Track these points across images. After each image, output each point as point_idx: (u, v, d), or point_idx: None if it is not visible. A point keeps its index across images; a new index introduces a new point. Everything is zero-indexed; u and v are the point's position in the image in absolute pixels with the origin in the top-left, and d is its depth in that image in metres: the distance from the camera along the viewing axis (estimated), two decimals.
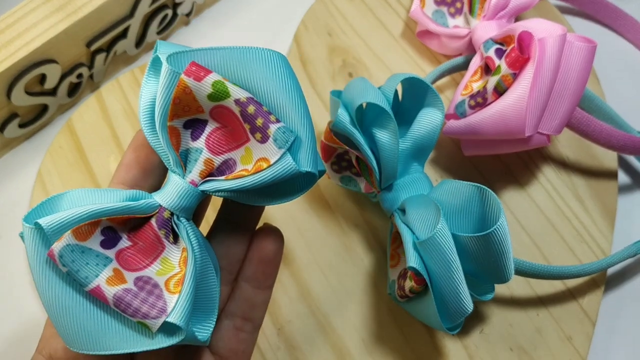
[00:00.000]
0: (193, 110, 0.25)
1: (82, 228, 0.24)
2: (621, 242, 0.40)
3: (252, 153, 0.25)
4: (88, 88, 0.44)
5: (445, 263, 0.29)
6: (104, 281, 0.24)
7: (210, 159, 0.25)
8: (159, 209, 0.25)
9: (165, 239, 0.25)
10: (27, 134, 0.42)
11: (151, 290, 0.24)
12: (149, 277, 0.25)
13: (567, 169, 0.42)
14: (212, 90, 0.24)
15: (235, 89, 0.24)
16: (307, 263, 0.38)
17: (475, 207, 0.31)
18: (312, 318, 0.37)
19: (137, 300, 0.24)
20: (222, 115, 0.25)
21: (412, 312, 0.35)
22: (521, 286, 0.38)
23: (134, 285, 0.24)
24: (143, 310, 0.24)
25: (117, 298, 0.23)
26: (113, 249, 0.25)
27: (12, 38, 0.37)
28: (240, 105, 0.24)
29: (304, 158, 0.25)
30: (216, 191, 0.25)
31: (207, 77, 0.24)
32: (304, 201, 0.40)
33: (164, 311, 0.24)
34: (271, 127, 0.24)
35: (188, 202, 0.25)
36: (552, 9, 0.48)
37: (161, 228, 0.25)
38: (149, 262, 0.25)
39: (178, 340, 0.24)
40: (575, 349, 0.37)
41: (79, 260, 0.23)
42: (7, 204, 0.41)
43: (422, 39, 0.46)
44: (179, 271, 0.25)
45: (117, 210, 0.24)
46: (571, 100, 0.36)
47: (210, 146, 0.25)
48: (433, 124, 0.35)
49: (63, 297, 0.24)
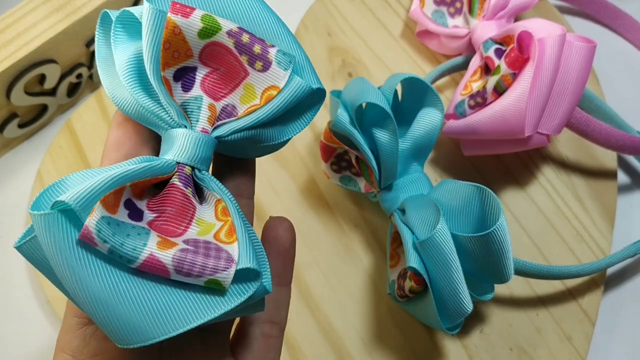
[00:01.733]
0: (182, 56, 0.23)
1: (109, 198, 0.20)
2: (620, 242, 0.40)
3: (254, 87, 0.24)
4: (88, 88, 0.44)
5: (445, 263, 0.29)
6: (155, 247, 0.20)
7: (212, 104, 0.24)
8: (177, 167, 0.23)
9: (193, 197, 0.23)
10: (26, 134, 0.42)
11: (207, 246, 0.21)
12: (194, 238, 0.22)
13: (567, 169, 0.42)
14: (202, 26, 0.23)
15: (224, 20, 0.23)
16: (307, 263, 0.38)
17: (475, 207, 0.31)
18: (312, 318, 0.37)
19: (199, 257, 0.20)
20: (213, 55, 0.24)
21: (411, 312, 0.35)
22: (521, 286, 0.38)
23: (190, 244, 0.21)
24: (210, 265, 0.20)
25: (177, 260, 0.20)
26: (142, 221, 0.22)
27: (12, 38, 0.37)
28: (234, 36, 0.23)
29: (309, 77, 0.24)
30: (233, 133, 0.24)
31: (194, 12, 0.22)
32: (304, 201, 0.40)
33: (231, 260, 0.21)
34: (270, 51, 0.23)
35: (205, 152, 0.23)
36: (552, 9, 0.48)
37: (187, 186, 0.23)
38: (186, 227, 0.23)
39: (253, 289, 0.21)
40: (575, 349, 0.37)
41: (120, 233, 0.20)
42: (6, 204, 0.41)
43: (421, 39, 0.46)
44: (222, 224, 0.22)
45: (138, 173, 0.21)
46: (571, 100, 0.36)
47: (208, 91, 0.24)
48: (433, 124, 0.35)
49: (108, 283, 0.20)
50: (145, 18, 0.22)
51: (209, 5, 0.24)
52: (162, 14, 0.22)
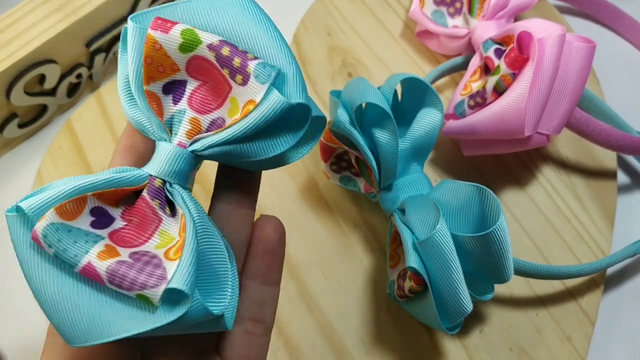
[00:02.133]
0: (168, 69, 0.24)
1: (67, 206, 0.22)
2: (620, 242, 0.40)
3: (238, 101, 0.23)
4: (87, 88, 0.44)
5: (445, 263, 0.29)
6: (94, 256, 0.21)
7: (195, 117, 0.24)
8: (149, 179, 0.24)
9: (160, 210, 0.23)
10: (26, 134, 0.42)
11: (148, 261, 0.22)
12: (147, 250, 0.23)
13: (567, 169, 0.42)
14: (182, 40, 0.23)
15: (205, 34, 0.23)
16: (306, 263, 0.38)
17: (475, 207, 0.31)
18: (311, 318, 0.37)
19: (132, 271, 0.21)
20: (200, 69, 0.24)
21: (411, 312, 0.35)
22: (521, 286, 0.38)
23: (129, 257, 0.22)
24: (140, 280, 0.21)
25: (110, 272, 0.21)
26: (105, 229, 0.23)
27: (12, 38, 0.37)
28: (214, 50, 0.23)
29: (293, 90, 0.23)
30: (208, 148, 0.23)
31: (173, 27, 0.23)
32: (304, 201, 0.40)
33: (163, 278, 0.21)
34: (250, 64, 0.22)
35: (179, 166, 0.24)
36: (552, 9, 0.48)
37: (154, 198, 0.23)
38: (147, 238, 0.23)
39: (183, 311, 0.21)
40: (574, 349, 0.37)
41: (66, 239, 0.21)
42: (6, 204, 0.41)
43: (421, 39, 0.46)
44: (178, 240, 0.23)
45: (101, 184, 0.22)
46: (570, 100, 0.36)
47: (194, 105, 0.24)
48: (432, 124, 0.35)
49: (53, 285, 0.22)
50: (129, 35, 0.23)
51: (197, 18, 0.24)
52: (142, 30, 0.23)
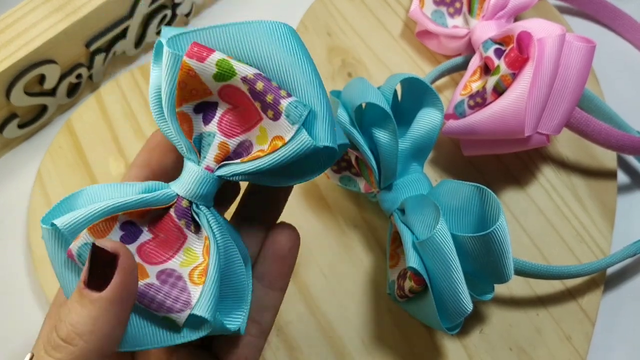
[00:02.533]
0: (201, 93, 0.24)
1: (99, 225, 0.23)
2: (620, 242, 0.40)
3: (267, 132, 0.24)
4: (87, 88, 0.44)
5: (445, 263, 0.29)
6: None
7: (224, 142, 0.24)
8: (176, 199, 0.24)
9: (186, 229, 0.25)
10: (26, 134, 0.42)
11: (174, 283, 0.23)
12: (173, 269, 0.24)
13: (567, 169, 0.42)
14: (217, 70, 0.23)
15: (241, 66, 0.23)
16: (307, 263, 0.38)
17: (475, 207, 0.31)
18: (311, 318, 0.37)
19: (160, 295, 0.23)
20: (232, 95, 0.24)
21: (411, 312, 0.35)
22: (521, 286, 0.38)
23: (157, 279, 0.23)
24: (167, 305, 0.23)
25: (139, 294, 0.23)
26: (134, 243, 0.24)
27: (12, 38, 0.37)
28: (248, 83, 0.23)
29: (322, 132, 0.23)
30: (233, 175, 0.24)
31: (210, 56, 0.23)
32: (304, 201, 0.40)
33: (188, 304, 0.23)
34: (282, 102, 0.23)
35: (205, 190, 0.24)
36: (551, 9, 0.48)
37: (181, 218, 0.24)
38: (172, 254, 0.25)
39: (205, 332, 0.23)
40: (574, 349, 0.37)
41: None
42: (6, 204, 0.41)
43: (421, 39, 0.46)
44: (202, 261, 0.24)
45: (133, 204, 0.24)
46: (570, 100, 0.36)
47: (224, 129, 0.24)
48: (432, 124, 0.35)
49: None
50: (164, 58, 0.23)
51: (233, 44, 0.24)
52: (178, 57, 0.23)
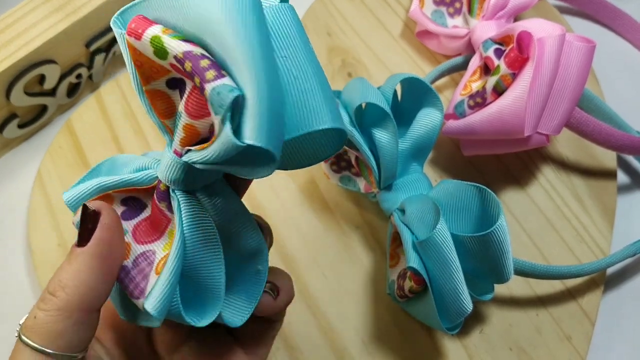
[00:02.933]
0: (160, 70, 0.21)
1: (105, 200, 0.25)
2: (620, 242, 0.40)
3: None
4: (87, 88, 0.44)
5: (445, 263, 0.29)
6: None
7: (190, 124, 0.21)
8: (157, 181, 0.24)
9: (168, 211, 0.24)
10: (26, 134, 0.42)
11: (142, 269, 0.24)
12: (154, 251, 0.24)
13: (567, 169, 0.42)
14: (153, 49, 0.20)
15: (174, 42, 0.19)
16: (307, 263, 0.38)
17: (475, 207, 0.31)
18: (312, 318, 0.37)
19: (126, 279, 0.23)
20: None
21: (411, 312, 0.35)
22: (521, 286, 0.38)
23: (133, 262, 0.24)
24: (129, 289, 0.23)
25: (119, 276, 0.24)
26: (133, 220, 0.25)
27: (12, 38, 0.37)
28: (179, 63, 0.20)
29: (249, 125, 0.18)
30: (193, 164, 0.21)
31: (145, 33, 0.20)
32: (304, 201, 0.40)
33: (143, 293, 0.23)
34: (206, 87, 0.19)
35: (174, 175, 0.22)
36: (551, 8, 0.48)
37: (161, 200, 0.24)
38: (158, 236, 0.24)
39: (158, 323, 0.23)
40: (574, 349, 0.37)
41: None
42: (6, 204, 0.41)
43: (421, 39, 0.46)
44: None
45: (117, 184, 0.24)
46: (570, 100, 0.36)
47: (189, 109, 0.21)
48: (432, 124, 0.35)
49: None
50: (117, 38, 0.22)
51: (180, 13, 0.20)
52: (122, 35, 0.21)
